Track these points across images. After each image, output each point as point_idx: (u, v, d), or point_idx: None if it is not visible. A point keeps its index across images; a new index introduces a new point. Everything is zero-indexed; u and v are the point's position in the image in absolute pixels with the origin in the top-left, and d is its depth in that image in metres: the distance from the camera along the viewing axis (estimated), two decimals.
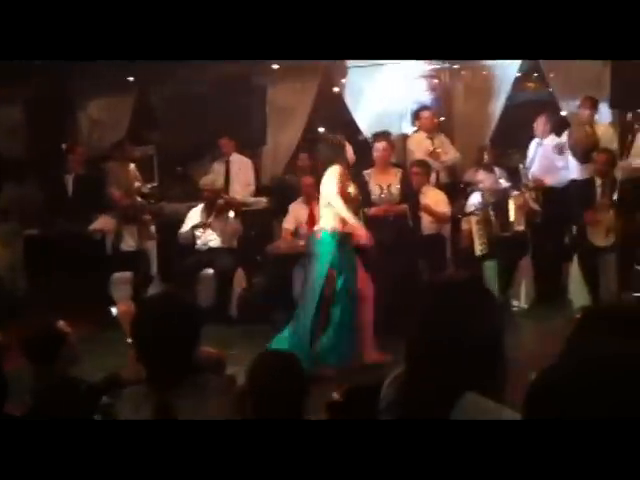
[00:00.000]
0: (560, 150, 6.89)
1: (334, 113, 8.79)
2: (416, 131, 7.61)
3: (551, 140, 7.05)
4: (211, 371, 2.63)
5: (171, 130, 8.36)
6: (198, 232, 6.91)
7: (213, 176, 7.37)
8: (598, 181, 6.40)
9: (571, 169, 6.87)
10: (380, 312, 5.27)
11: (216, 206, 6.92)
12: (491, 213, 6.40)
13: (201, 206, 6.97)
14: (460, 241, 6.71)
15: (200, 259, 6.83)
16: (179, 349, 2.17)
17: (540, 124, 7.08)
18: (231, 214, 7.03)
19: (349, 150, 5.30)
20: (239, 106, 8.05)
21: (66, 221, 7.09)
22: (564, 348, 1.66)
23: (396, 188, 5.98)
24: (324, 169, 5.14)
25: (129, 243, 6.96)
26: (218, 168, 7.78)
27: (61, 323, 3.00)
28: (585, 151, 6.69)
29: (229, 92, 7.96)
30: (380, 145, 6.58)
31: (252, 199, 7.78)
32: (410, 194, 6.12)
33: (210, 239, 6.91)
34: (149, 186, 7.97)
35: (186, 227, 6.92)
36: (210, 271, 6.79)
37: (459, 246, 6.75)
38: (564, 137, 6.93)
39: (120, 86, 7.97)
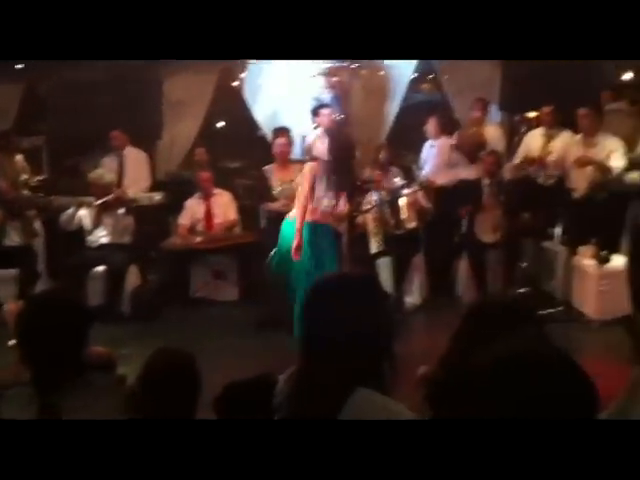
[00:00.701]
0: (451, 149, 7.13)
1: (233, 108, 8.71)
2: (315, 128, 7.65)
3: (443, 141, 7.28)
4: (101, 371, 2.55)
5: (62, 121, 8.00)
6: (87, 226, 6.67)
7: (102, 170, 7.09)
8: (486, 181, 6.67)
9: (461, 169, 7.12)
10: None
11: (106, 202, 6.70)
12: (386, 211, 6.53)
13: (91, 200, 6.73)
14: (356, 238, 6.80)
15: (91, 256, 6.60)
16: (66, 349, 2.10)
17: (431, 125, 7.28)
18: (122, 210, 6.80)
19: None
20: (134, 98, 7.81)
21: None
22: (449, 344, 1.73)
23: (296, 184, 6.00)
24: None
25: (14, 239, 6.63)
26: (109, 162, 7.51)
27: None
28: (472, 150, 6.96)
29: (124, 83, 7.72)
30: (280, 141, 6.62)
31: (145, 194, 7.55)
32: None
33: (101, 235, 6.69)
34: (37, 179, 7.62)
35: (68, 211, 6.66)
36: (101, 268, 6.58)
37: (355, 243, 6.84)
38: (454, 138, 7.17)
39: (7, 73, 7.57)
